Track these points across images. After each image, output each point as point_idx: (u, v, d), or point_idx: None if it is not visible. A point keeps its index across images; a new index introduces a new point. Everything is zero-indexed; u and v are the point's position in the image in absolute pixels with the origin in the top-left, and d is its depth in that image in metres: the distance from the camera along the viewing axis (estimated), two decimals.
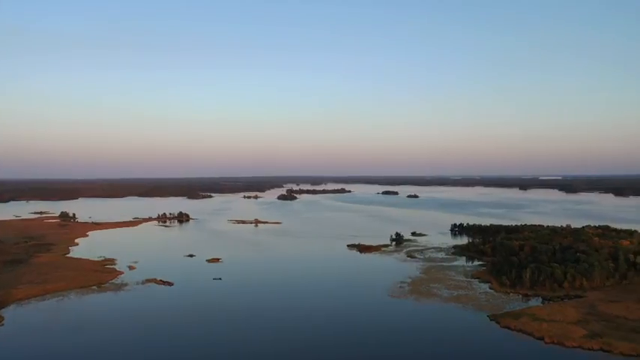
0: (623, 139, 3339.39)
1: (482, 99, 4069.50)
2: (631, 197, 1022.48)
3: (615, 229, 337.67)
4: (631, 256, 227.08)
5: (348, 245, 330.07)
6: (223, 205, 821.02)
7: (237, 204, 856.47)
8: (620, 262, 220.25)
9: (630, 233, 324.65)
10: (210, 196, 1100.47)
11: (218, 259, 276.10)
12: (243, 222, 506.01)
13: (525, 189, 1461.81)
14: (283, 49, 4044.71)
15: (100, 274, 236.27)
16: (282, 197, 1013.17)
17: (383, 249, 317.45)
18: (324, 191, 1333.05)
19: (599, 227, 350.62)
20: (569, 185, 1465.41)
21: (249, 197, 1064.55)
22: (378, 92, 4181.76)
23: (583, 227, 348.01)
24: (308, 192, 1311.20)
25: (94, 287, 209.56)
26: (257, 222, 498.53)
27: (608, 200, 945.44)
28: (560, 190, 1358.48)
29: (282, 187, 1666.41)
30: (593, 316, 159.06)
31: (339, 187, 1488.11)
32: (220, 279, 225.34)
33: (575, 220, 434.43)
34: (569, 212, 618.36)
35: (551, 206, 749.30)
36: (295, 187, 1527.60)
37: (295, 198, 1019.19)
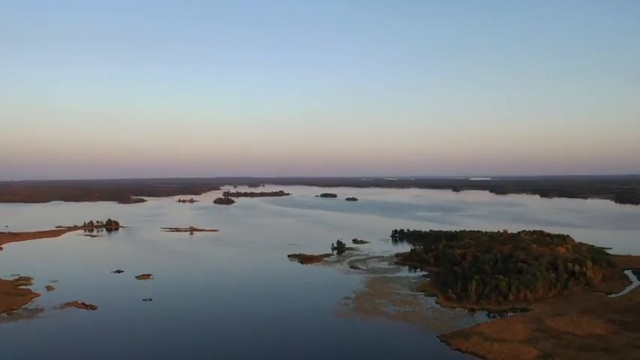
0: (545, 141, 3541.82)
1: (414, 100, 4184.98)
2: (555, 198, 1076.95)
3: (549, 234, 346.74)
4: (569, 265, 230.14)
5: (289, 256, 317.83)
6: (157, 210, 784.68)
7: (172, 209, 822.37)
8: (560, 271, 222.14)
9: (563, 238, 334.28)
10: (143, 200, 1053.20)
11: (149, 276, 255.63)
12: (178, 230, 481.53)
13: (458, 190, 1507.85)
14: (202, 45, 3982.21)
15: (12, 297, 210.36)
16: (219, 201, 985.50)
17: (325, 259, 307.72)
18: (262, 194, 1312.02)
19: (534, 232, 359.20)
20: (498, 186, 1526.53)
21: (184, 201, 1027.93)
22: (307, 94, 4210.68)
23: (519, 233, 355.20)
24: (246, 195, 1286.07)
25: (4, 315, 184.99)
26: (192, 230, 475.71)
27: (536, 202, 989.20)
28: (490, 191, 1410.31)
29: (219, 189, 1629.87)
30: (542, 332, 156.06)
31: (278, 190, 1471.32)
32: (150, 299, 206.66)
33: (510, 224, 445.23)
34: (503, 215, 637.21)
35: (485, 209, 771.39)
36: (233, 190, 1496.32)
37: (232, 202, 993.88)
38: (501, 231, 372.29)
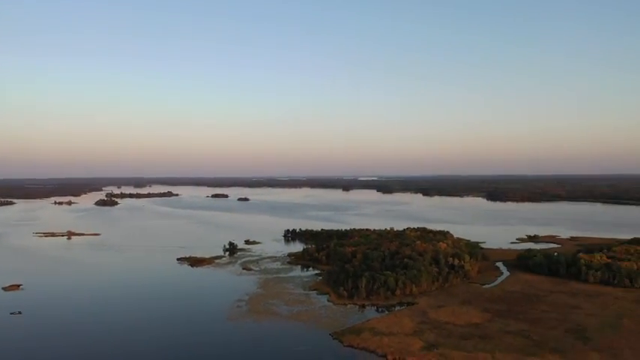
0: (426, 142, 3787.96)
1: (300, 100, 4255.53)
2: (435, 197, 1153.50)
3: (432, 231, 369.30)
4: (450, 259, 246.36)
5: (178, 259, 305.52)
6: (29, 213, 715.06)
7: (47, 211, 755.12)
8: (441, 265, 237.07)
9: (444, 234, 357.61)
10: (12, 203, 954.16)
11: (18, 286, 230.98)
12: (53, 234, 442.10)
13: (348, 190, 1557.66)
14: None
15: None
16: (100, 203, 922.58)
17: (216, 261, 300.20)
18: (149, 195, 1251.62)
19: (418, 229, 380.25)
20: (385, 186, 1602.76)
21: (61, 203, 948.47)
22: (196, 90, 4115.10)
23: (405, 230, 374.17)
24: (131, 196, 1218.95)
25: None
26: (70, 234, 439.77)
27: (419, 200, 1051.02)
28: (378, 190, 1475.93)
29: (102, 190, 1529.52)
30: (426, 324, 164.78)
31: (166, 191, 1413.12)
32: (20, 313, 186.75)
33: (397, 222, 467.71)
34: (390, 213, 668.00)
35: (373, 207, 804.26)
36: (116, 191, 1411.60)
37: (116, 203, 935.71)
38: (388, 229, 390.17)
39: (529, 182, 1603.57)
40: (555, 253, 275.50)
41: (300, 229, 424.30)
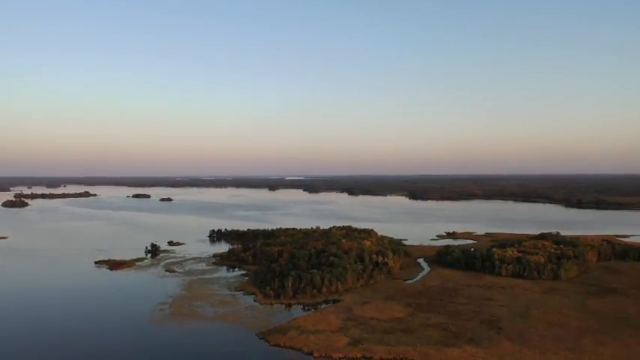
0: (349, 142, 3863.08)
1: (223, 100, 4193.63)
2: (360, 196, 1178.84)
3: (357, 229, 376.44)
4: (374, 257, 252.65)
5: (96, 262, 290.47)
6: None
7: None
8: (366, 263, 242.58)
9: (368, 232, 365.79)
10: None
11: None
12: None
13: (274, 189, 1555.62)
14: None
15: None
16: (8, 204, 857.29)
17: (137, 264, 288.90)
18: (64, 195, 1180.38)
19: (344, 227, 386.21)
20: (311, 186, 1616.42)
21: None
22: (112, 89, 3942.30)
23: (330, 228, 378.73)
24: (43, 196, 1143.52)
25: None
26: None
27: (345, 199, 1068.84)
28: (304, 190, 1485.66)
29: (9, 190, 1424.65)
30: (352, 320, 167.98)
31: (83, 191, 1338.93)
32: None
33: (323, 221, 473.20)
34: (316, 212, 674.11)
35: (300, 207, 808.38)
36: (27, 191, 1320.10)
37: (26, 204, 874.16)
38: (315, 228, 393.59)
39: (447, 182, 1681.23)
40: (472, 249, 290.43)
41: (225, 230, 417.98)
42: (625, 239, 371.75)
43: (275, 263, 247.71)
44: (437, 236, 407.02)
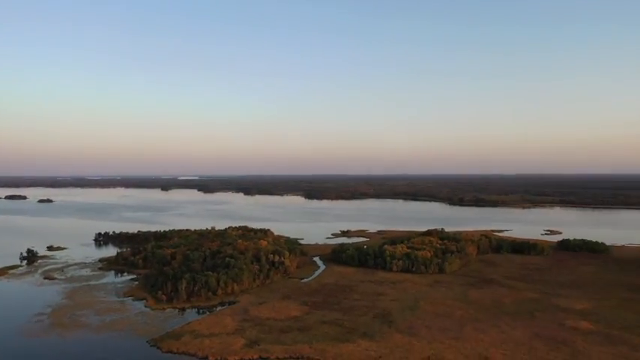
0: (243, 141, 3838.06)
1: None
2: (257, 196, 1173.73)
3: (253, 229, 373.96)
4: (271, 256, 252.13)
5: None
6: None
7: None
8: (262, 263, 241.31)
9: (265, 232, 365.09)
10: None
11: None
12: None
13: (167, 190, 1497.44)
14: None
15: None
16: None
17: (11, 272, 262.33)
18: None
19: (240, 228, 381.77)
20: (206, 185, 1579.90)
21: None
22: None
23: (226, 229, 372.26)
24: None
25: None
26: None
27: (241, 199, 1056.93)
28: (199, 190, 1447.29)
29: None
30: (248, 322, 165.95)
31: None
32: None
33: (218, 221, 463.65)
34: (211, 213, 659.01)
35: (194, 207, 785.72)
36: None
37: None
38: (210, 228, 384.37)
39: (342, 182, 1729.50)
40: (365, 246, 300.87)
41: (113, 232, 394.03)
42: (500, 234, 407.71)
43: (168, 266, 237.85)
44: (332, 235, 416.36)
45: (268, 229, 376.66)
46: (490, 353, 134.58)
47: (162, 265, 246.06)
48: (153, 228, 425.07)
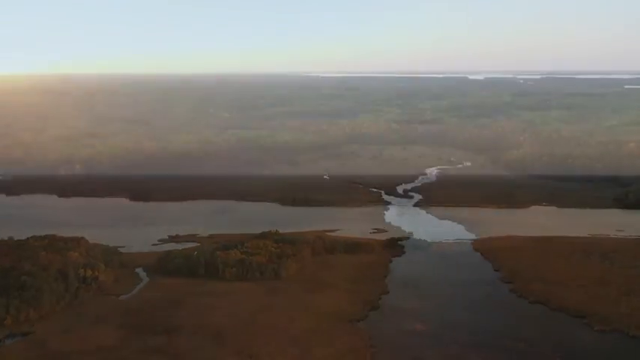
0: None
1: None
2: (72, 198, 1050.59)
3: (63, 239, 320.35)
4: (81, 271, 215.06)
5: None
6: None
7: None
8: (70, 279, 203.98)
9: (77, 241, 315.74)
10: None
11: None
12: None
13: None
14: None
15: None
16: None
17: None
18: None
19: (46, 237, 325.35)
20: (9, 187, 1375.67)
21: None
22: None
23: (28, 239, 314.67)
24: None
25: None
26: None
27: (53, 202, 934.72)
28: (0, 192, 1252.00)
29: None
30: (45, 358, 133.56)
31: None
32: None
33: (21, 231, 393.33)
34: (14, 220, 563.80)
35: None
36: None
37: None
38: (6, 239, 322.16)
39: (173, 181, 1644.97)
40: (195, 253, 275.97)
41: None
42: (332, 234, 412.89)
43: None
44: (159, 241, 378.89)
45: (82, 237, 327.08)
46: None
47: None
48: None
